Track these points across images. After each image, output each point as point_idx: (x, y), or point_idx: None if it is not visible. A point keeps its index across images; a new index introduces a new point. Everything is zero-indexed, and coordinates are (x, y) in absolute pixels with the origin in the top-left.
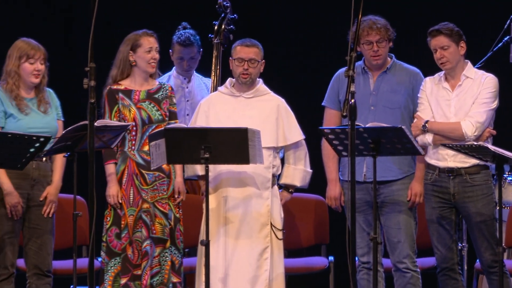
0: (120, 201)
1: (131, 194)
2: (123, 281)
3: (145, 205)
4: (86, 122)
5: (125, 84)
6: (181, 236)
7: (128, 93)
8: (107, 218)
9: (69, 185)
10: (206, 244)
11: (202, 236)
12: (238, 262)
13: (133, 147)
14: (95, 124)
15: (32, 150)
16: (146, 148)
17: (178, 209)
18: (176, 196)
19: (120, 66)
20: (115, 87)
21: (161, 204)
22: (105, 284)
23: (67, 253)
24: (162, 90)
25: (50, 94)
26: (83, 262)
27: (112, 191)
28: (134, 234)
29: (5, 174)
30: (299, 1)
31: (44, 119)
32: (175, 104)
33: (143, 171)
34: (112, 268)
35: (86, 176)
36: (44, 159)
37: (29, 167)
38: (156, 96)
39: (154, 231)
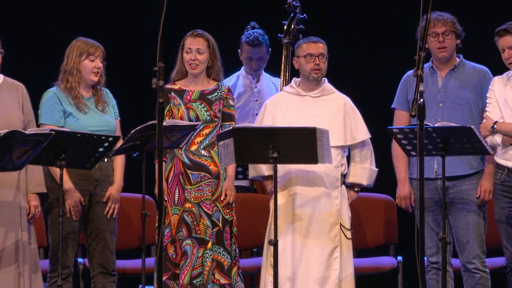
0: (166, 199)
1: (176, 193)
2: (163, 279)
3: (188, 205)
4: (155, 121)
5: (180, 84)
6: (233, 238)
7: (180, 92)
8: (156, 217)
9: (138, 184)
10: (275, 244)
11: (270, 236)
12: (307, 261)
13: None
14: (164, 123)
15: (101, 149)
16: (193, 148)
17: (228, 211)
18: (222, 198)
19: (176, 66)
20: (169, 86)
21: (206, 205)
22: (154, 283)
23: (136, 253)
24: (218, 91)
25: (107, 94)
26: (152, 262)
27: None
28: (177, 234)
29: (65, 174)
30: (367, 1)
31: (103, 117)
32: (233, 106)
33: (188, 171)
34: None
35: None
36: (106, 159)
37: None
38: (209, 97)
39: (198, 232)
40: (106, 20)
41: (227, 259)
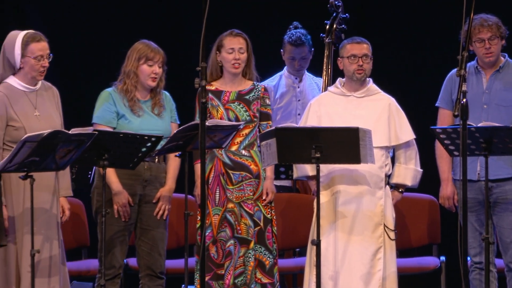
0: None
1: (217, 193)
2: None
3: (230, 205)
4: (198, 122)
5: (216, 85)
6: (274, 237)
7: (218, 94)
8: (198, 217)
9: (180, 184)
10: (317, 244)
11: (313, 236)
12: (350, 260)
13: None
14: (207, 123)
15: (143, 149)
16: (233, 148)
17: (269, 210)
18: (264, 197)
19: (210, 67)
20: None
21: (247, 205)
22: (195, 283)
23: (179, 253)
24: (254, 91)
25: (166, 97)
26: (193, 262)
27: (198, 190)
28: (218, 234)
29: (114, 174)
30: (410, 0)
31: (157, 121)
32: (269, 105)
33: (229, 171)
34: None
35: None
36: (156, 159)
37: (140, 168)
38: (247, 97)
39: (240, 231)
40: (149, 20)
41: (268, 258)
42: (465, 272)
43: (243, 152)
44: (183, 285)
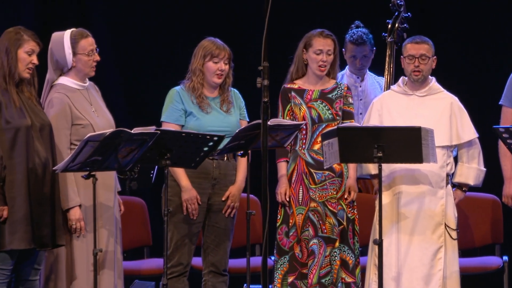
0: (288, 199)
1: (300, 193)
2: (290, 279)
3: (313, 204)
4: (260, 121)
5: (299, 83)
6: (356, 236)
7: (301, 92)
8: (278, 216)
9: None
10: (379, 244)
11: (375, 235)
12: (411, 261)
13: (303, 146)
14: (268, 123)
15: (205, 149)
16: (316, 147)
17: (351, 209)
18: (346, 196)
19: (296, 63)
20: (288, 86)
21: (331, 204)
22: (275, 283)
23: (241, 252)
24: (337, 89)
25: (235, 94)
26: (256, 261)
27: (280, 189)
28: (302, 233)
29: (183, 172)
30: None
31: (226, 118)
32: (352, 104)
33: (312, 170)
34: (282, 266)
35: (259, 175)
36: (225, 157)
37: (209, 166)
38: (330, 95)
39: (325, 230)
40: (211, 18)
41: (351, 258)
42: None
43: None
44: (245, 284)
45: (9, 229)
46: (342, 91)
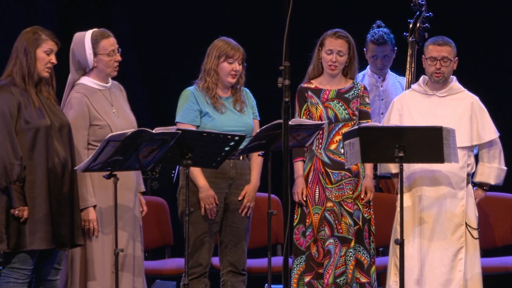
0: (305, 199)
1: (317, 192)
2: (306, 279)
3: (329, 204)
4: (281, 121)
5: (316, 82)
6: (372, 236)
7: (317, 92)
8: (295, 216)
9: (264, 183)
10: (401, 243)
11: (396, 235)
12: (432, 263)
13: (320, 146)
14: (290, 122)
15: (227, 149)
16: (332, 147)
17: (367, 209)
18: (362, 196)
19: (313, 62)
20: (305, 85)
21: (347, 204)
22: (291, 282)
23: (262, 252)
24: (354, 89)
25: (246, 93)
26: (277, 261)
27: (297, 188)
28: (319, 233)
29: (200, 172)
30: None
31: (240, 118)
32: (368, 104)
33: (329, 170)
34: (298, 266)
35: (279, 175)
36: (241, 157)
37: (226, 166)
38: (346, 95)
39: (340, 230)
40: (231, 19)
41: (366, 258)
42: None
43: (342, 151)
44: (266, 284)
45: (29, 229)
46: (359, 91)
